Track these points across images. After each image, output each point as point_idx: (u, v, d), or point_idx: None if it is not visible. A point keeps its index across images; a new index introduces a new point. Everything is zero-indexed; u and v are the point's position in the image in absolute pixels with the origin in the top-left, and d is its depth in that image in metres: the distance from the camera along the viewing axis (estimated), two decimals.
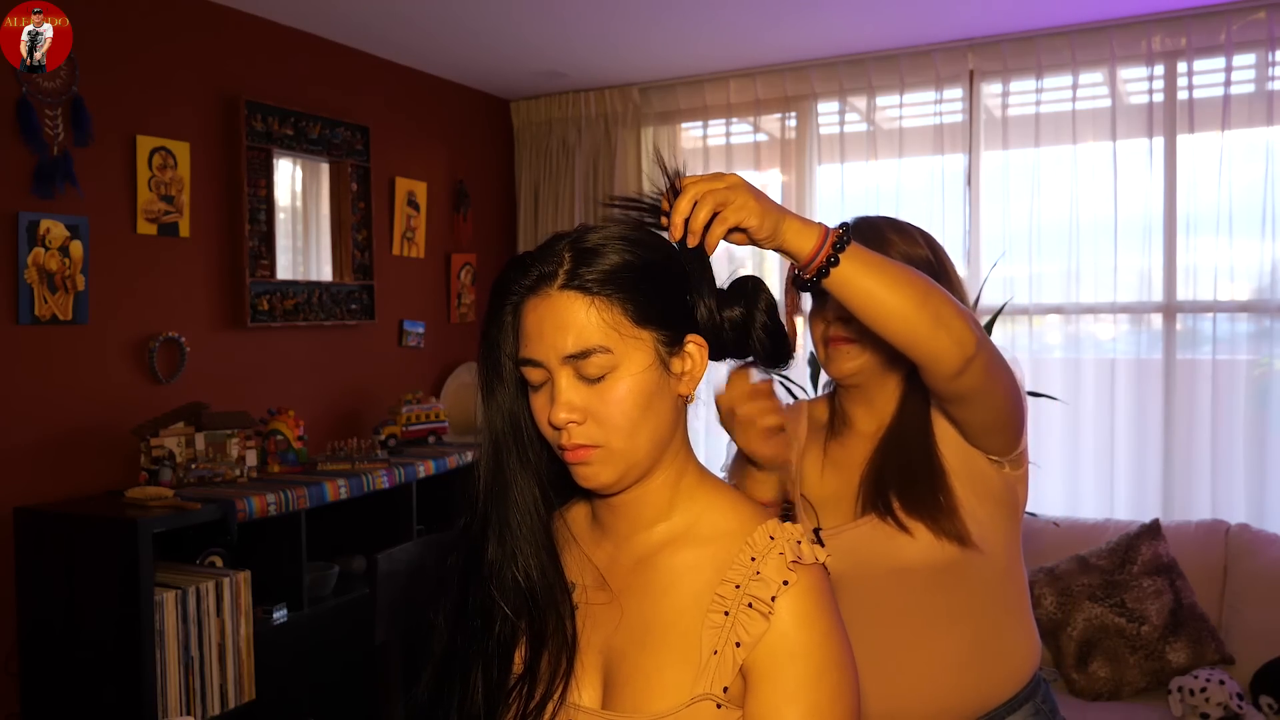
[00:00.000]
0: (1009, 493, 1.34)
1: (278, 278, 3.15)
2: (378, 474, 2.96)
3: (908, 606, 1.33)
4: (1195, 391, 3.30)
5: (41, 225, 2.47)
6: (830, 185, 3.81)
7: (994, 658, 1.35)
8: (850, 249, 1.02)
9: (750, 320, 0.96)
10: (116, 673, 2.28)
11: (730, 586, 0.90)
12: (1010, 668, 1.37)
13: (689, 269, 0.95)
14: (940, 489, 1.30)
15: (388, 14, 3.16)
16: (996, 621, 1.35)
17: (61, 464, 2.56)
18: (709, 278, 0.97)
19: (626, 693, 0.90)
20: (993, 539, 1.32)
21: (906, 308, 1.06)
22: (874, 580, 1.33)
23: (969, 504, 1.30)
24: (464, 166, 4.08)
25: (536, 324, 0.90)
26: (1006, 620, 1.37)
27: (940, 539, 1.28)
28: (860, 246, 1.04)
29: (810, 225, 1.01)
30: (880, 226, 1.40)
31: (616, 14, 3.20)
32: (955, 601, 1.32)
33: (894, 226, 1.41)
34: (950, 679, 1.33)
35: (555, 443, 0.92)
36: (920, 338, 1.08)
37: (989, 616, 1.35)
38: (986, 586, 1.34)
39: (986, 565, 1.32)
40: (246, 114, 3.01)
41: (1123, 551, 2.96)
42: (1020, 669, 1.37)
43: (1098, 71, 3.40)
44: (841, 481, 1.38)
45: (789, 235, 1.00)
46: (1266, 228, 3.16)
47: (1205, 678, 2.67)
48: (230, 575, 2.46)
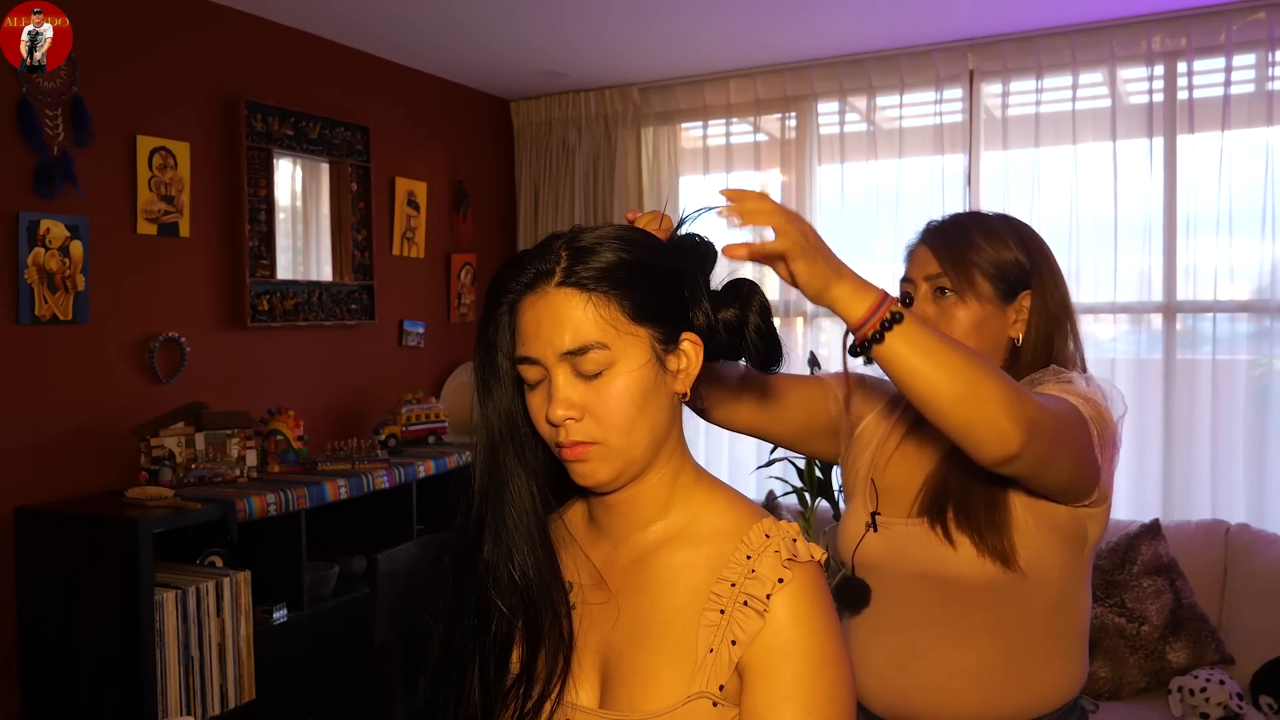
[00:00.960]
0: (1076, 526, 1.30)
1: (278, 278, 3.15)
2: (378, 474, 2.96)
3: (939, 612, 1.32)
4: (1195, 391, 3.29)
5: (41, 225, 2.47)
6: (830, 185, 3.81)
7: (1020, 679, 1.32)
8: (900, 328, 0.99)
9: (744, 322, 0.96)
10: (116, 673, 2.28)
11: (726, 585, 0.90)
12: (1037, 692, 1.33)
13: (684, 269, 0.95)
14: (997, 509, 1.27)
15: (388, 14, 3.16)
16: (1031, 646, 1.32)
17: (61, 464, 2.56)
18: (704, 279, 0.97)
19: (623, 691, 0.91)
20: (1047, 567, 1.28)
21: (946, 398, 1.02)
22: (911, 579, 1.33)
23: (1027, 528, 1.27)
24: (464, 166, 4.08)
25: (534, 322, 0.90)
26: (1045, 647, 1.33)
27: (983, 557, 1.26)
28: (914, 323, 1.01)
29: (865, 292, 0.99)
30: (967, 228, 1.38)
31: (616, 14, 3.21)
32: (989, 618, 1.30)
33: (982, 227, 1.37)
34: (967, 691, 1.31)
35: (552, 440, 0.92)
36: (957, 429, 1.05)
37: (1024, 640, 1.31)
38: (1028, 612, 1.30)
39: (1033, 591, 1.28)
40: (246, 114, 3.01)
41: (1123, 551, 2.96)
42: (1049, 695, 1.33)
43: (1098, 71, 3.40)
44: (908, 476, 1.38)
45: (839, 298, 0.99)
46: (1266, 228, 3.15)
47: (1205, 678, 2.67)
48: (230, 575, 2.46)
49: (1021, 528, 1.27)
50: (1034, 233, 1.43)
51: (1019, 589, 1.28)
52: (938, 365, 1.02)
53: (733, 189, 0.97)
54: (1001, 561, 1.25)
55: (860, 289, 0.99)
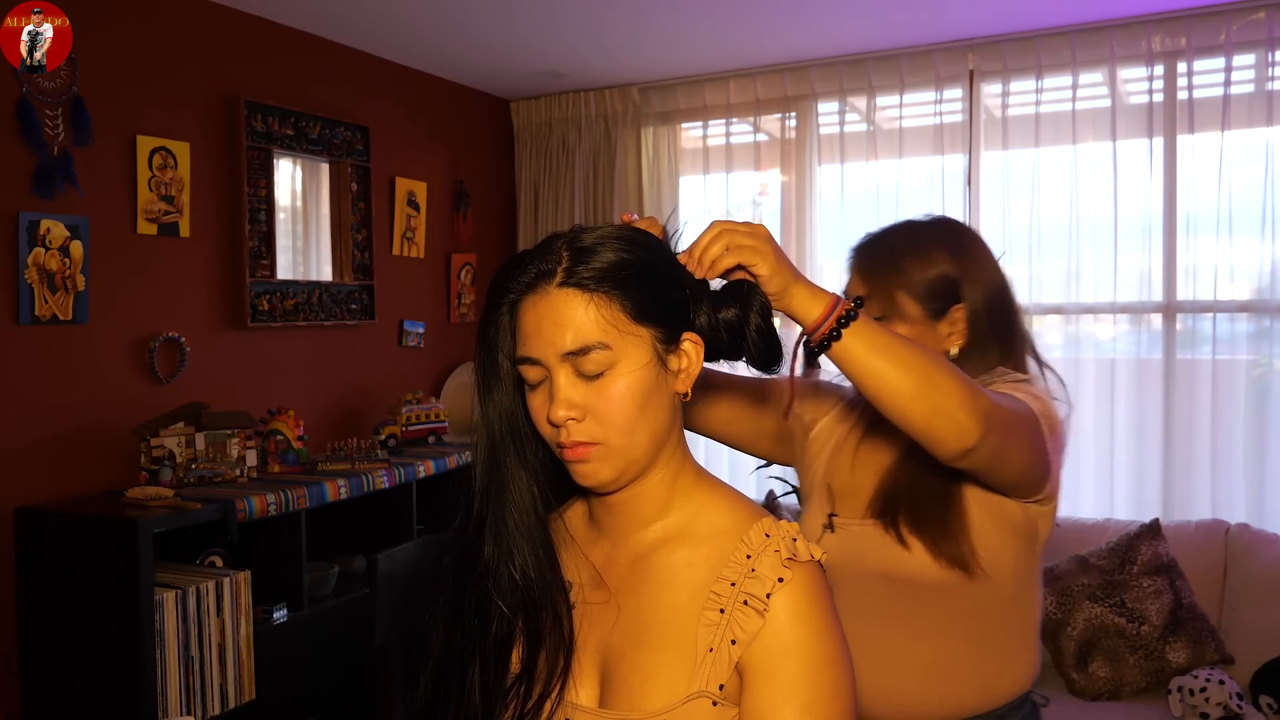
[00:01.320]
0: (1029, 524, 1.33)
1: (278, 278, 3.15)
2: (378, 474, 2.96)
3: (896, 611, 1.34)
4: (1195, 391, 3.29)
5: (42, 225, 2.47)
6: (830, 185, 3.81)
7: (977, 674, 1.34)
8: (855, 326, 1.01)
9: (744, 322, 0.96)
10: (116, 673, 2.28)
11: (726, 584, 0.90)
12: (994, 684, 1.35)
13: (684, 269, 0.96)
14: (950, 511, 1.29)
15: (388, 14, 3.16)
16: (987, 641, 1.34)
17: (61, 464, 2.56)
18: (705, 281, 0.97)
19: (623, 691, 0.91)
20: (1001, 564, 1.31)
21: (903, 394, 1.04)
22: (868, 579, 1.34)
23: (983, 527, 1.29)
24: (464, 166, 4.08)
25: (535, 322, 0.90)
26: (1000, 642, 1.36)
27: (938, 560, 1.28)
28: (868, 322, 1.03)
29: (820, 295, 1.01)
30: (893, 249, 1.37)
31: (617, 14, 3.21)
32: (946, 616, 1.32)
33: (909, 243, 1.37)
34: (926, 687, 1.33)
35: (553, 441, 0.92)
36: (915, 424, 1.06)
37: (981, 635, 1.34)
38: (983, 608, 1.33)
39: (988, 589, 1.31)
40: (246, 114, 3.01)
41: (1123, 551, 2.96)
42: (1005, 688, 1.36)
43: (1098, 71, 3.40)
44: (864, 478, 1.39)
45: (797, 299, 0.99)
46: (1266, 228, 3.15)
47: (1205, 678, 2.67)
48: (230, 575, 2.46)
49: (977, 528, 1.29)
50: (969, 237, 1.43)
51: (975, 586, 1.30)
52: (893, 361, 1.03)
53: (686, 250, 0.98)
54: (962, 569, 1.28)
55: (816, 292, 1.01)
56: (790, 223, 3.90)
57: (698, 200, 4.13)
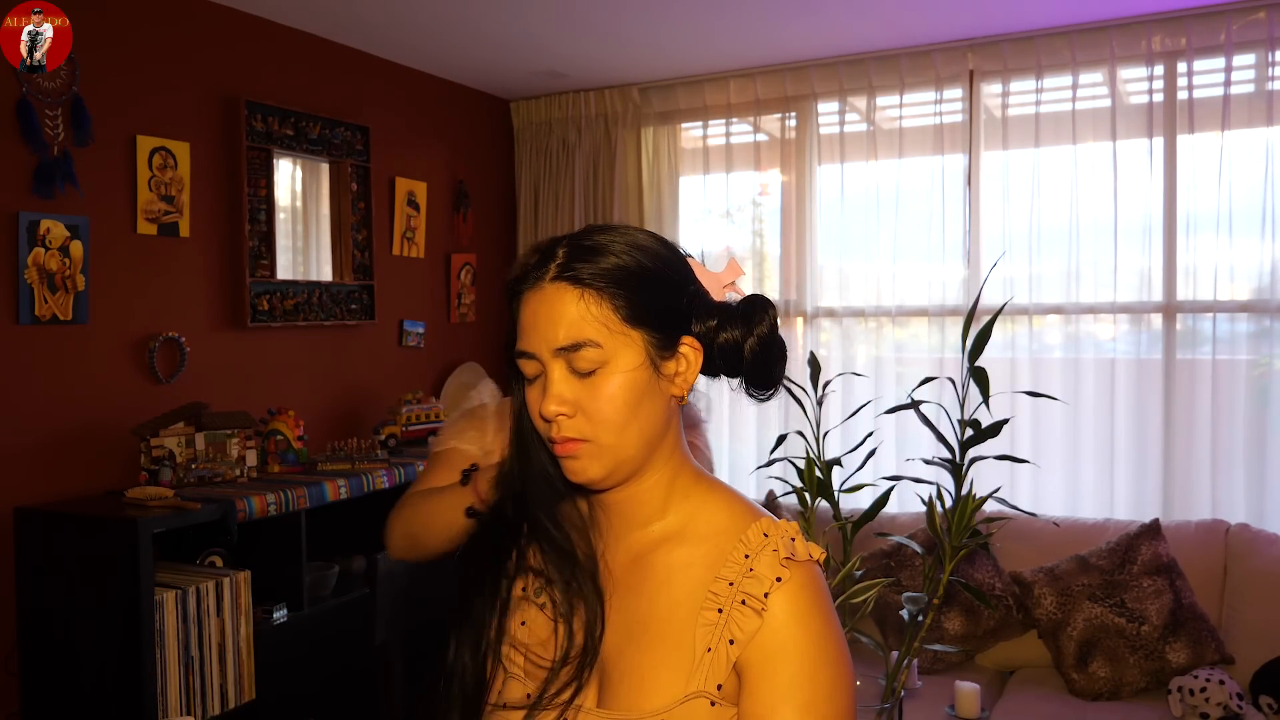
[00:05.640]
0: None
1: (278, 278, 3.15)
2: (378, 474, 2.97)
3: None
4: (1195, 391, 3.29)
5: (42, 225, 2.47)
6: (830, 185, 3.81)
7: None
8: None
9: (741, 343, 0.95)
10: (116, 673, 2.28)
11: (724, 584, 0.90)
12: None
13: (688, 279, 0.96)
14: None
15: (388, 14, 3.16)
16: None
17: (61, 464, 2.56)
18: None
19: (621, 690, 0.91)
20: None
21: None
22: None
23: None
24: (464, 166, 4.08)
25: (530, 316, 0.91)
26: None
27: None
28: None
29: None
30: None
31: (616, 14, 3.21)
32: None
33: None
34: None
35: (546, 435, 0.93)
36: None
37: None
38: None
39: None
40: (246, 114, 3.01)
41: (1123, 551, 2.96)
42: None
43: (1098, 71, 3.40)
44: None
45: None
46: (1266, 228, 3.15)
47: (1205, 677, 2.67)
48: (230, 575, 2.47)
49: None
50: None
51: None
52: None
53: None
54: None
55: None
56: (790, 223, 3.90)
57: (698, 200, 4.13)
